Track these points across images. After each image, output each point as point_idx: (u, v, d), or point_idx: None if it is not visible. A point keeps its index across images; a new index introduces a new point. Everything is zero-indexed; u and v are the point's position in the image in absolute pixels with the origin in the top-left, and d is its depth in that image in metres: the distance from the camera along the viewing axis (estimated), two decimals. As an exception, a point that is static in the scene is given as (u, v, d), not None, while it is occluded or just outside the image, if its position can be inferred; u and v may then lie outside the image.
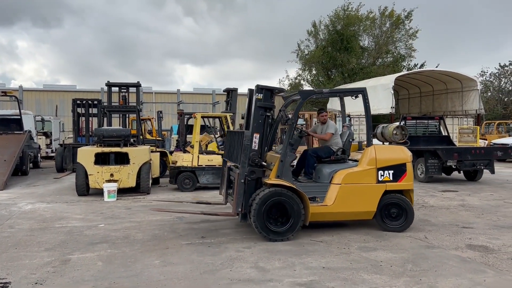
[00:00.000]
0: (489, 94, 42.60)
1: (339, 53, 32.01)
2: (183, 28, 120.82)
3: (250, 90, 6.66)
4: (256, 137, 6.24)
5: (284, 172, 6.31)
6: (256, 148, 6.25)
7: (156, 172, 12.04)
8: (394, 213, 6.66)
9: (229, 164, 7.15)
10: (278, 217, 6.15)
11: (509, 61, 44.25)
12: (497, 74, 43.14)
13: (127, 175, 10.23)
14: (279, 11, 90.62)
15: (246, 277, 4.65)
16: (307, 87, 35.70)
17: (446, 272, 4.76)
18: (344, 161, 7.00)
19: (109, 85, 12.71)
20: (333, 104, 29.95)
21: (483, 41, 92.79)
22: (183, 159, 11.20)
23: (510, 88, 42.19)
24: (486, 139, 22.07)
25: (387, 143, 7.45)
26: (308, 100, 7.02)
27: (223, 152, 12.58)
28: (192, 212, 7.19)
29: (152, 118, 22.13)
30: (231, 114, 12.59)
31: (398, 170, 6.63)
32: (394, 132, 7.06)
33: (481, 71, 44.39)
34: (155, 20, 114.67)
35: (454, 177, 14.15)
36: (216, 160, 11.41)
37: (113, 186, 9.77)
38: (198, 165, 11.17)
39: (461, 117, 25.80)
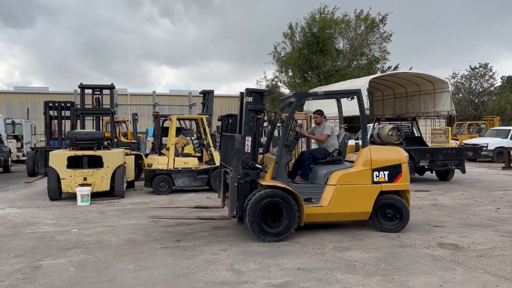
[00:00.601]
0: (460, 95, 43.70)
1: (315, 56, 32.28)
2: (159, 29, 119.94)
3: (242, 93, 6.68)
4: (248, 140, 6.28)
5: (280, 173, 6.35)
6: (249, 151, 6.28)
7: (131, 176, 11.90)
8: (389, 213, 6.70)
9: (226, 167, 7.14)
10: (273, 218, 6.19)
11: (479, 63, 45.55)
12: (468, 76, 44.33)
13: (100, 179, 10.08)
14: (256, 13, 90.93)
15: (221, 279, 4.64)
16: (283, 88, 35.88)
17: (417, 271, 4.86)
18: (340, 162, 7.03)
19: (82, 87, 12.51)
20: (309, 106, 30.19)
21: (455, 44, 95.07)
22: (158, 162, 11.11)
23: (480, 90, 43.37)
24: (457, 140, 22.61)
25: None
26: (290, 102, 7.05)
27: (199, 154, 12.58)
28: (189, 218, 7.19)
29: (127, 121, 21.86)
30: (208, 116, 12.55)
31: (394, 171, 6.66)
32: (390, 133, 7.12)
33: (453, 73, 45.65)
34: (130, 20, 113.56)
35: (426, 177, 14.45)
36: (192, 162, 11.37)
37: (87, 190, 9.61)
38: (174, 168, 11.10)
39: (433, 118, 26.38)
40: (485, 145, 20.44)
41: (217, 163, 11.35)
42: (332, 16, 33.42)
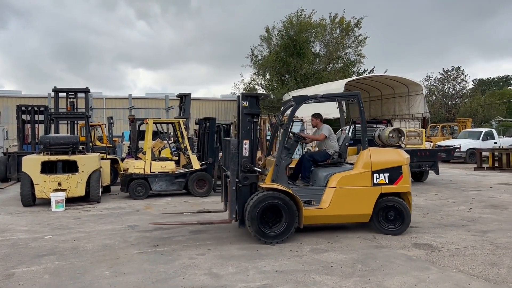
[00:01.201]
0: (433, 98, 44.61)
1: (292, 59, 32.50)
2: (135, 31, 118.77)
3: (238, 97, 6.77)
4: (246, 144, 6.35)
5: (280, 176, 6.39)
6: (247, 155, 6.35)
7: (106, 180, 11.75)
8: (391, 216, 6.69)
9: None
10: (273, 220, 6.25)
11: (452, 66, 46.57)
12: (441, 79, 45.29)
13: (75, 184, 9.91)
14: (234, 16, 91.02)
15: (199, 284, 4.62)
16: (261, 91, 35.95)
17: (393, 271, 4.95)
18: (341, 165, 7.08)
19: (56, 90, 12.30)
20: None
21: (428, 47, 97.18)
22: (135, 166, 10.99)
23: (453, 92, 44.37)
24: (431, 141, 23.09)
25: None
26: (262, 105, 7.09)
27: (176, 158, 12.50)
28: (190, 223, 7.20)
29: (103, 124, 21.55)
30: (185, 119, 12.48)
31: (394, 173, 6.67)
32: (390, 135, 7.16)
33: (426, 76, 46.54)
34: (106, 23, 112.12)
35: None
36: (170, 166, 11.29)
37: (61, 196, 9.44)
38: (150, 172, 11.00)
39: (408, 120, 26.86)
40: (458, 146, 20.95)
41: (195, 166, 11.31)
42: (308, 19, 33.72)
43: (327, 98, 7.32)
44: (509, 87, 58.09)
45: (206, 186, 11.29)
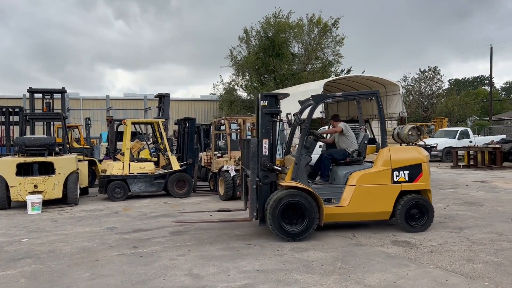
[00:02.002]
0: (411, 98, 45.32)
1: (271, 59, 32.58)
2: (114, 31, 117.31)
3: (256, 98, 6.84)
4: (265, 143, 6.41)
5: (299, 174, 6.45)
6: (267, 153, 6.40)
7: (84, 182, 11.57)
8: (415, 213, 6.73)
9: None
10: (293, 218, 6.29)
11: (429, 67, 47.49)
12: (417, 79, 46.06)
13: (52, 186, 9.73)
14: (213, 16, 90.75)
15: (180, 285, 4.58)
16: (241, 92, 35.95)
17: (372, 268, 5.00)
18: (360, 163, 7.09)
19: (32, 91, 12.05)
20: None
21: (406, 48, 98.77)
22: (113, 168, 10.85)
23: (429, 92, 45.17)
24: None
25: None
26: (239, 105, 7.12)
27: (155, 159, 12.38)
28: (211, 221, 7.23)
29: (80, 126, 21.20)
30: (164, 120, 12.38)
31: (414, 171, 6.72)
32: (410, 133, 7.24)
33: (404, 76, 47.28)
34: (83, 22, 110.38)
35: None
36: (149, 167, 11.18)
37: (38, 198, 9.25)
38: (129, 173, 10.88)
39: (385, 120, 27.06)
40: (435, 145, 21.34)
41: (175, 167, 11.23)
42: (286, 20, 33.84)
43: (346, 96, 7.47)
44: (483, 87, 59.46)
45: (186, 187, 11.23)
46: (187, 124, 12.13)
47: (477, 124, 38.39)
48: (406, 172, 6.68)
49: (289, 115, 7.24)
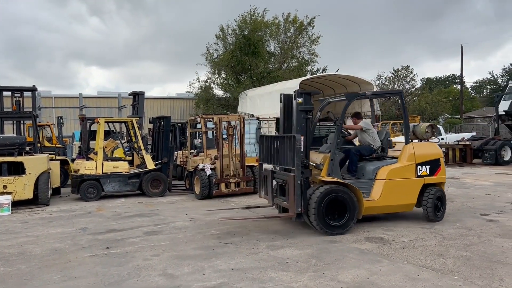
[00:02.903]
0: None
1: (247, 58, 32.55)
2: (88, 28, 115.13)
3: (283, 95, 7.13)
4: (301, 139, 6.43)
5: (334, 170, 6.68)
6: (302, 150, 6.43)
7: (56, 182, 11.32)
8: (438, 204, 7.22)
9: (265, 166, 7.33)
10: (334, 213, 6.47)
11: (401, 66, 48.25)
12: (391, 78, 46.83)
13: (22, 186, 9.48)
14: (190, 13, 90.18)
15: (154, 285, 4.54)
16: (217, 90, 35.81)
17: (346, 265, 5.06)
18: (383, 158, 7.42)
19: (1, 89, 11.71)
20: (243, 107, 30.41)
21: (380, 47, 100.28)
22: (86, 167, 10.65)
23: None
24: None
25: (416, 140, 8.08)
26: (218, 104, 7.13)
27: (130, 158, 12.21)
28: (258, 217, 7.29)
29: (52, 124, 20.72)
30: (138, 118, 12.22)
31: (434, 165, 7.24)
32: (426, 130, 7.67)
33: (378, 75, 47.94)
34: (56, 19, 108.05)
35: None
36: (123, 166, 11.02)
37: (7, 199, 9.00)
38: (102, 173, 10.70)
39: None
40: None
41: (149, 166, 11.11)
42: (262, 18, 33.86)
43: (375, 95, 8.02)
44: (454, 86, 60.89)
45: (161, 186, 11.12)
46: (162, 122, 12.01)
47: (449, 122, 39.30)
48: (428, 167, 7.20)
49: (329, 113, 7.51)
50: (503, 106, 21.02)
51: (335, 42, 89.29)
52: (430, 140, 7.88)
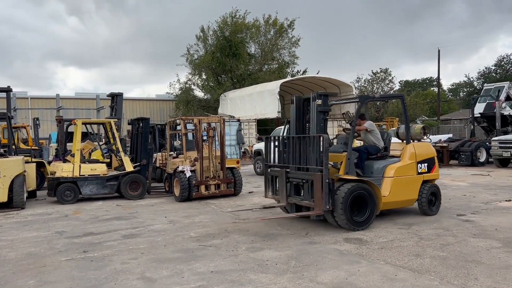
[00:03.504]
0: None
1: (228, 59, 32.53)
2: (66, 28, 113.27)
3: (295, 97, 7.49)
4: (328, 139, 6.70)
5: (350, 168, 7.04)
6: (322, 149, 6.64)
7: (32, 185, 11.09)
8: (432, 199, 7.85)
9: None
10: (353, 209, 6.75)
11: (380, 68, 48.92)
12: (370, 80, 47.41)
13: (-4, 189, 9.25)
14: (171, 14, 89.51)
15: (132, 289, 4.48)
16: (198, 91, 35.69)
17: (325, 266, 5.08)
18: (386, 157, 7.82)
19: (-27, 90, 11.42)
20: (223, 109, 30.36)
21: (360, 49, 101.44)
22: (62, 169, 10.46)
23: (381, 93, 46.57)
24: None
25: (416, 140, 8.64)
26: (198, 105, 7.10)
27: (108, 160, 12.04)
28: (288, 216, 7.35)
29: (28, 126, 20.30)
30: (116, 119, 12.06)
31: (430, 163, 7.86)
32: (420, 131, 8.20)
33: (357, 78, 48.58)
34: (33, 18, 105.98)
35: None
36: (100, 169, 10.87)
37: (-20, 202, 8.77)
38: (80, 175, 10.52)
39: (340, 120, 27.74)
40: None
41: (128, 168, 10.97)
42: (243, 20, 33.90)
43: (382, 98, 8.76)
44: (432, 88, 61.95)
45: (140, 188, 10.99)
46: (141, 124, 11.89)
47: (426, 124, 39.92)
48: (426, 164, 7.79)
49: (345, 114, 7.90)
50: (479, 108, 21.51)
51: (315, 44, 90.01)
52: (422, 140, 8.35)
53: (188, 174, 10.21)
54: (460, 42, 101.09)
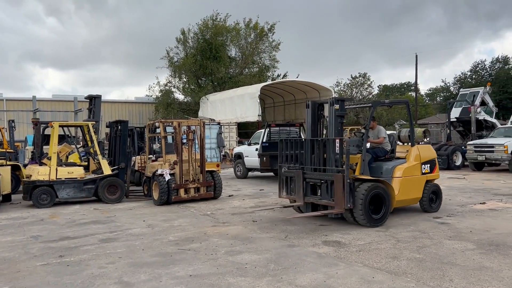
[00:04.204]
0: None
1: (209, 62, 32.45)
2: (45, 28, 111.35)
3: (311, 102, 8.01)
4: (337, 142, 7.12)
5: (365, 169, 7.50)
6: (339, 152, 7.07)
7: (6, 188, 10.85)
8: (433, 197, 8.45)
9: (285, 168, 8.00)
10: (371, 207, 7.19)
11: (359, 73, 49.48)
12: (349, 84, 47.89)
13: (-31, 193, 9.02)
14: (152, 16, 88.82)
15: (109, 294, 4.42)
16: (178, 94, 35.47)
17: (304, 268, 5.11)
18: (393, 159, 8.33)
19: None
20: (204, 112, 30.26)
21: (340, 54, 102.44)
22: (38, 173, 10.26)
23: (360, 97, 47.09)
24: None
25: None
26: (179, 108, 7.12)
27: (85, 163, 11.87)
28: (316, 214, 7.51)
29: (3, 128, 19.84)
30: (94, 122, 11.90)
31: (432, 164, 8.44)
32: (421, 134, 9.21)
33: (336, 82, 48.91)
34: (10, 18, 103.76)
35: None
36: (78, 172, 10.70)
37: (-48, 207, 8.54)
38: (56, 179, 10.34)
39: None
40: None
41: (106, 172, 10.83)
42: (224, 23, 33.89)
43: (391, 103, 9.19)
44: (410, 93, 62.95)
45: (118, 192, 10.86)
46: (119, 126, 11.76)
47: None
48: (428, 165, 8.34)
49: (359, 118, 8.38)
50: (455, 113, 21.95)
51: (295, 48, 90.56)
52: (421, 143, 8.86)
53: (167, 177, 10.13)
54: (438, 47, 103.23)
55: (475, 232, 6.78)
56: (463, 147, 19.02)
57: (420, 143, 8.94)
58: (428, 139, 9.04)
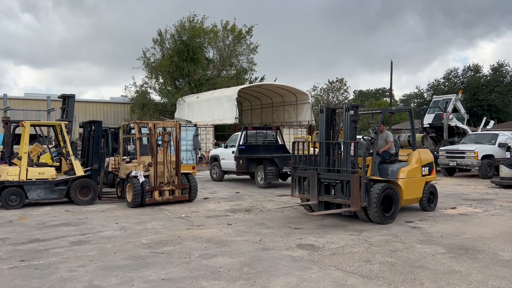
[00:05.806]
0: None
1: (186, 63, 32.24)
2: (20, 25, 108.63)
3: (325, 107, 8.47)
4: (352, 145, 7.68)
5: (376, 171, 8.24)
6: (353, 154, 7.66)
7: (-26, 189, 10.48)
8: (430, 198, 9.22)
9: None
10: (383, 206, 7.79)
11: (336, 78, 50.04)
12: (326, 89, 48.41)
13: None
14: (132, 16, 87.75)
15: (78, 298, 4.32)
16: (154, 95, 35.10)
17: (278, 272, 5.11)
18: (396, 162, 8.93)
19: None
20: (180, 114, 30.04)
21: (318, 58, 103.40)
22: (8, 173, 9.98)
23: (336, 102, 47.64)
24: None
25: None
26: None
27: (57, 164, 11.60)
28: (336, 212, 7.95)
29: (-29, 127, 19.27)
30: (67, 122, 11.65)
31: (431, 166, 9.10)
32: (420, 140, 9.88)
33: (313, 86, 49.42)
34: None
35: (288, 182, 15.30)
36: (49, 173, 10.45)
37: None
38: (26, 179, 10.07)
39: (296, 127, 28.17)
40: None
41: (78, 173, 10.62)
42: (201, 25, 33.74)
43: (397, 110, 10.85)
44: (385, 99, 63.99)
45: (90, 193, 10.66)
46: (93, 127, 11.54)
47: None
48: (427, 168, 9.01)
49: (371, 124, 8.81)
50: (428, 119, 22.41)
51: (273, 52, 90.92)
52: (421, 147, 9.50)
53: (142, 179, 10.00)
54: (414, 54, 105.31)
55: (446, 237, 6.92)
56: (435, 153, 19.41)
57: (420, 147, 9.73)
58: (426, 144, 10.03)
